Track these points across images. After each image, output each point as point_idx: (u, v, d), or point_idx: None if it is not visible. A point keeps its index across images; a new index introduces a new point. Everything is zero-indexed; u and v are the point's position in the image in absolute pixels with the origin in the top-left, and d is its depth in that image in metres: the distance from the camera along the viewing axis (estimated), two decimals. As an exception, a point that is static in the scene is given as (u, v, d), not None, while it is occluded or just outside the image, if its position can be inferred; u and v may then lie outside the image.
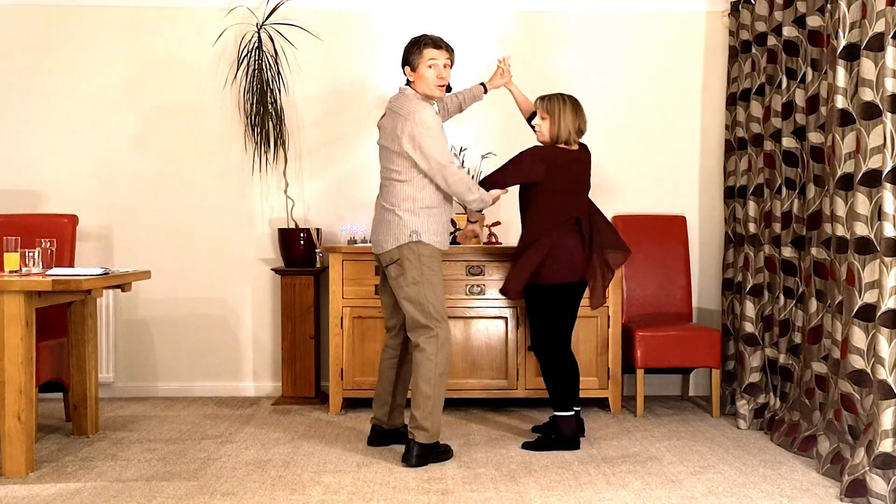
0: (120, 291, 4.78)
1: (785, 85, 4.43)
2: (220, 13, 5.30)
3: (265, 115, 5.14)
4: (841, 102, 3.71)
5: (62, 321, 4.47)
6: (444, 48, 3.93)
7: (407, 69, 3.96)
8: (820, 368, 4.01)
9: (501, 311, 4.84)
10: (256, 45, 5.16)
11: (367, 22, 5.36)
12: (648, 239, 5.24)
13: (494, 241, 5.09)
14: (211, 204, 5.35)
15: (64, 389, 4.48)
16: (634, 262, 5.18)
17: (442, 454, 3.91)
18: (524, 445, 4.15)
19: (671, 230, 5.29)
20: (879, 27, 3.47)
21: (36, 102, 5.31)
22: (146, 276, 4.33)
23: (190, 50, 5.32)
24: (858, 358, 3.53)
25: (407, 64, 3.95)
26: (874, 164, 3.49)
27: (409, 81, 3.98)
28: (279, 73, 5.22)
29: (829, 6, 3.96)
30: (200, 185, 5.35)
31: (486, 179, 4.16)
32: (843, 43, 3.69)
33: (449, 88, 4.04)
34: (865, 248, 3.54)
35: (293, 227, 5.22)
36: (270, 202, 5.36)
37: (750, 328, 4.72)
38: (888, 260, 3.40)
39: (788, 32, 4.38)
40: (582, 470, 3.79)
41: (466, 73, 4.87)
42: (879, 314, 3.42)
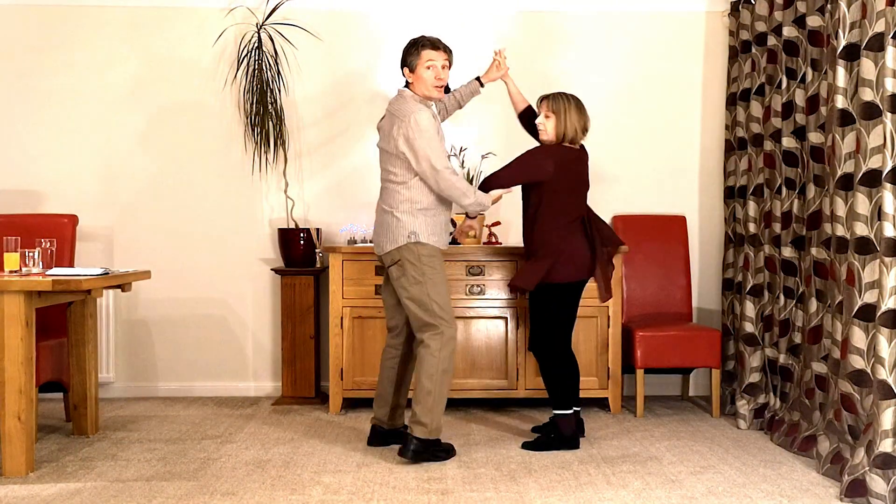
0: (120, 291, 4.78)
1: (785, 85, 4.43)
2: (220, 13, 5.30)
3: (265, 114, 5.14)
4: (841, 102, 3.71)
5: (62, 321, 4.47)
6: (442, 49, 3.93)
7: (405, 70, 3.96)
8: (820, 368, 4.01)
9: (502, 311, 4.84)
10: (256, 45, 5.16)
11: (367, 22, 5.36)
12: (648, 239, 5.24)
13: (494, 240, 5.08)
14: (211, 204, 5.35)
15: (64, 389, 4.49)
16: (634, 262, 5.19)
17: (441, 453, 3.91)
18: (524, 445, 4.15)
19: (671, 230, 5.29)
20: (879, 27, 3.47)
21: (36, 102, 5.31)
22: (146, 276, 4.33)
23: (190, 50, 5.32)
24: (858, 358, 3.53)
25: (405, 65, 3.95)
26: (874, 164, 3.49)
27: (407, 83, 3.98)
28: (279, 73, 5.22)
29: (829, 6, 3.96)
30: (200, 185, 5.35)
31: (490, 177, 4.11)
32: (843, 43, 3.69)
33: (447, 89, 4.04)
34: (865, 248, 3.54)
35: (293, 227, 5.22)
36: (270, 202, 5.36)
37: (750, 328, 4.72)
38: (888, 260, 3.40)
39: (788, 32, 4.38)
40: (582, 470, 3.79)
41: (466, 73, 4.85)
42: (879, 314, 3.42)
